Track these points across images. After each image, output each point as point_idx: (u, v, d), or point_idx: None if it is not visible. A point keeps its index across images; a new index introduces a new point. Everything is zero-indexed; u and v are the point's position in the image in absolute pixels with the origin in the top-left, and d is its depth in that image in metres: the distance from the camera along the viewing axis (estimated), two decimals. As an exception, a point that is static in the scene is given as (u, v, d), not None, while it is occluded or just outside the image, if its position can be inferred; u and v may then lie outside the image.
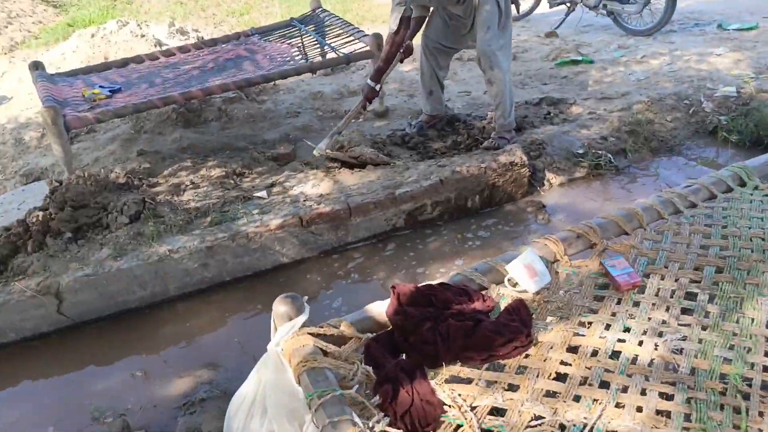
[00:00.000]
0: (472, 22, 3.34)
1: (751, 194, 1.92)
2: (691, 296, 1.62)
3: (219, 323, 2.74)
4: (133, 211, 3.00)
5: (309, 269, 3.00)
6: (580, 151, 3.58)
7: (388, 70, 3.44)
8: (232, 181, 3.40)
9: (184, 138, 3.88)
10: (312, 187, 3.29)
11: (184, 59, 4.12)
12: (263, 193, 3.25)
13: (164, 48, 5.09)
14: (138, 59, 4.15)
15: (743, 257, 1.70)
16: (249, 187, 3.35)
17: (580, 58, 4.79)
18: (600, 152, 3.55)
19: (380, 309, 1.56)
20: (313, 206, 3.09)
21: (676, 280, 1.66)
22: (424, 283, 1.59)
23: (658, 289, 1.64)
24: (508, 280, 1.65)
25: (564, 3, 5.56)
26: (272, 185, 3.36)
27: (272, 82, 4.45)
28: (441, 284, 1.59)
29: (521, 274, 1.62)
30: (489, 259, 1.72)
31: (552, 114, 3.97)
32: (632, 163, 3.59)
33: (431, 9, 3.43)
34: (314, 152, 3.44)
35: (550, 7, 5.83)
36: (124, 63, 4.11)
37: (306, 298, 1.46)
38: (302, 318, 1.42)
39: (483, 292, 1.65)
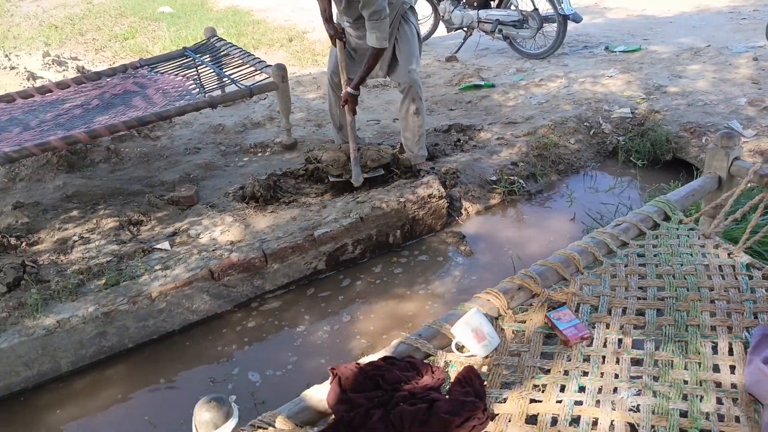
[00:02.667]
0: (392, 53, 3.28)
1: (677, 229, 1.95)
2: (638, 344, 1.58)
3: (124, 399, 2.41)
4: (11, 277, 2.60)
5: (223, 326, 2.74)
6: (493, 178, 3.58)
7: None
8: (128, 232, 3.05)
9: (69, 184, 3.46)
10: (221, 234, 3.02)
11: (64, 96, 3.70)
12: (165, 244, 2.95)
13: (39, 83, 4.58)
14: (8, 98, 3.67)
15: (681, 297, 1.70)
16: (148, 237, 3.03)
17: (482, 82, 4.87)
18: (512, 178, 3.57)
19: (320, 395, 1.38)
20: (225, 255, 2.83)
21: (620, 328, 1.62)
22: (367, 361, 1.43)
23: (605, 340, 1.58)
24: (455, 344, 1.53)
25: (461, 28, 5.66)
26: (175, 234, 3.06)
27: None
28: (385, 359, 1.44)
29: (469, 339, 1.50)
30: (433, 322, 1.59)
31: (462, 141, 3.97)
32: (543, 186, 3.65)
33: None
34: (356, 185, 3.33)
35: (448, 31, 5.91)
36: (-10, 102, 3.62)
37: (234, 398, 1.24)
38: (231, 424, 1.20)
39: (430, 360, 1.51)
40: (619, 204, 3.22)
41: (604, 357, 1.54)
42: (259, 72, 3.84)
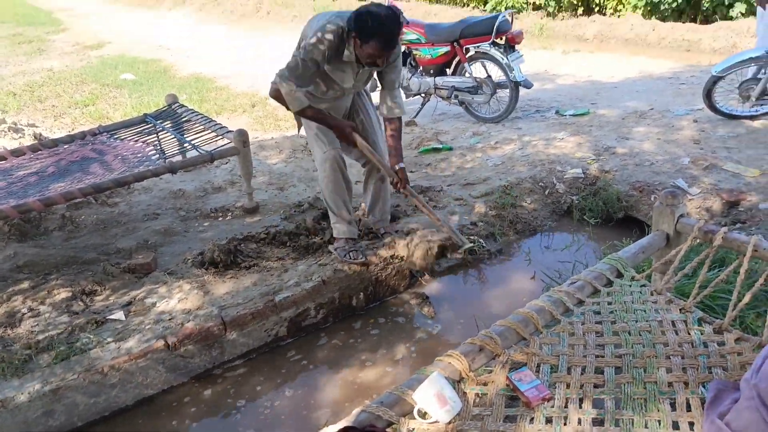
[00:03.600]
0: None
1: (630, 285, 2.00)
2: (598, 403, 1.59)
3: (69, 484, 2.26)
4: (-48, 355, 2.46)
5: (179, 400, 2.63)
6: (454, 238, 3.63)
7: None
8: (81, 303, 2.95)
9: (20, 254, 3.34)
10: (178, 302, 2.95)
11: (18, 164, 3.63)
12: (120, 315, 2.85)
13: (-7, 150, 4.49)
14: (-41, 166, 3.59)
15: (637, 354, 1.72)
16: (102, 307, 2.93)
17: (440, 145, 5.01)
18: (473, 238, 3.62)
19: (278, 471, 1.33)
20: (182, 324, 2.75)
21: (581, 387, 1.63)
22: (327, 432, 1.39)
23: (566, 400, 1.59)
24: (418, 411, 1.51)
25: (419, 94, 5.87)
26: (130, 303, 2.97)
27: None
28: (346, 430, 1.40)
29: (431, 404, 1.48)
30: (395, 388, 1.56)
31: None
32: (502, 246, 3.70)
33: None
34: (468, 246, 3.24)
35: (406, 97, 6.11)
36: (-60, 171, 3.53)
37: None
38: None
39: (392, 429, 1.48)
40: (575, 261, 3.30)
41: (565, 418, 1.53)
42: (220, 137, 3.87)
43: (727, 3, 8.80)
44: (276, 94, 2.84)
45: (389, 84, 2.98)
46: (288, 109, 2.86)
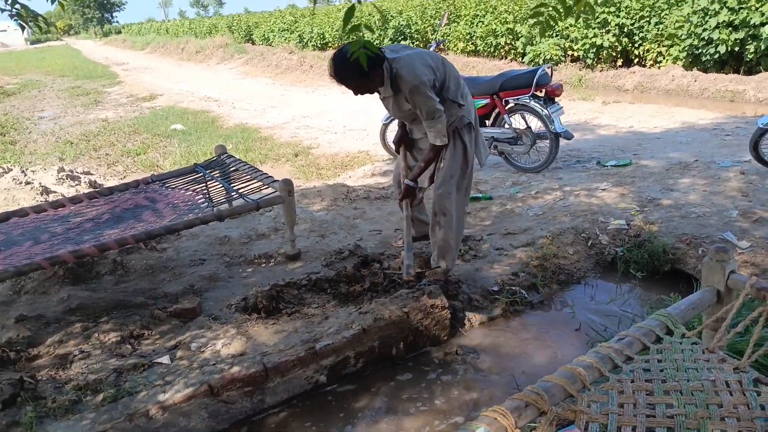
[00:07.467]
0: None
1: (681, 343, 1.95)
2: (650, 466, 1.54)
3: None
4: (7, 394, 2.55)
5: (220, 446, 2.64)
6: (495, 289, 3.61)
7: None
8: (129, 346, 3.03)
9: (73, 297, 3.48)
10: (222, 346, 3.00)
11: (76, 210, 3.82)
12: (165, 359, 2.91)
13: (52, 197, 4.74)
14: (21, 212, 3.79)
15: (690, 414, 1.67)
16: (149, 351, 3.00)
17: (480, 195, 5.04)
18: (514, 288, 3.60)
19: None
20: (225, 370, 2.79)
21: (632, 447, 1.58)
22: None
23: (618, 461, 1.54)
24: (463, 467, 1.49)
25: (459, 143, 5.95)
26: (176, 347, 3.04)
27: (175, 231, 4.22)
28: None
29: (477, 461, 1.46)
30: (439, 443, 1.56)
31: (462, 251, 4.04)
32: (545, 297, 3.66)
33: None
34: (405, 278, 3.41)
35: (447, 146, 6.20)
36: (5, 217, 3.72)
37: None
38: None
39: (437, 485, 1.46)
40: (621, 315, 3.22)
41: (617, 480, 1.49)
42: (266, 186, 3.99)
43: (771, 54, 8.73)
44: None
45: (421, 117, 3.22)
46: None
